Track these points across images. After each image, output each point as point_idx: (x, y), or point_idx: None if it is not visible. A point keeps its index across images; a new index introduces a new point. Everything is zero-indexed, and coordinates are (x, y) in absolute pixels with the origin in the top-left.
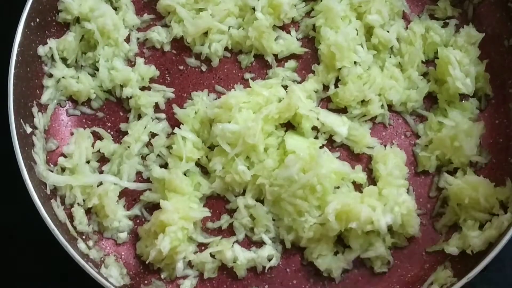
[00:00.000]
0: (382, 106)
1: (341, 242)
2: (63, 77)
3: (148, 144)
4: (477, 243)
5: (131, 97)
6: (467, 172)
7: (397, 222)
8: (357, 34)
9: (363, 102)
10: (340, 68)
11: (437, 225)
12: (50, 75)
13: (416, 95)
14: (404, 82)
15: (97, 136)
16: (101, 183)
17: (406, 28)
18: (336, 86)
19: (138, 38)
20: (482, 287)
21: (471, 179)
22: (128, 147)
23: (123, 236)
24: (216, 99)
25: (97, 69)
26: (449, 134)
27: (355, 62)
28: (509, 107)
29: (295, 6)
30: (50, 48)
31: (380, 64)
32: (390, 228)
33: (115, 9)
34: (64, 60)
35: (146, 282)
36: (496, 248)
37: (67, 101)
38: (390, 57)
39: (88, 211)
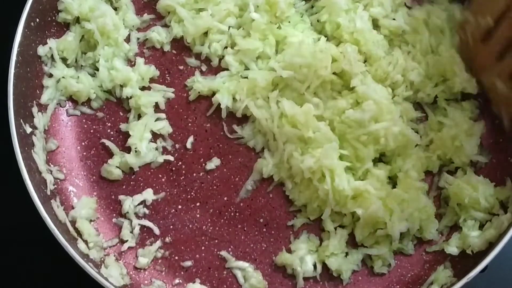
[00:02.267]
0: (406, 87)
1: (350, 242)
2: (63, 77)
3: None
4: (477, 243)
5: (131, 97)
6: (467, 172)
7: (415, 227)
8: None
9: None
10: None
11: (438, 225)
12: (50, 75)
13: (430, 89)
14: (425, 66)
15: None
16: None
17: None
18: None
19: (138, 38)
20: (482, 287)
21: (471, 179)
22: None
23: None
24: None
25: (97, 69)
26: (449, 134)
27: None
28: None
29: (294, 5)
30: (50, 48)
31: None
32: (401, 233)
33: (115, 9)
34: (64, 60)
35: (146, 282)
36: (496, 248)
37: (67, 101)
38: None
39: None
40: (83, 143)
